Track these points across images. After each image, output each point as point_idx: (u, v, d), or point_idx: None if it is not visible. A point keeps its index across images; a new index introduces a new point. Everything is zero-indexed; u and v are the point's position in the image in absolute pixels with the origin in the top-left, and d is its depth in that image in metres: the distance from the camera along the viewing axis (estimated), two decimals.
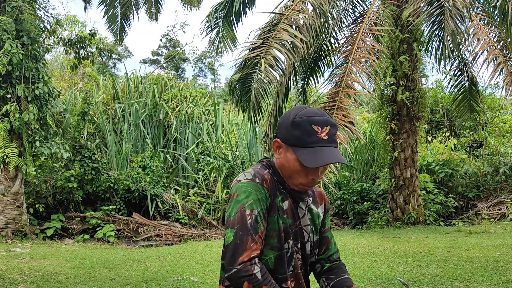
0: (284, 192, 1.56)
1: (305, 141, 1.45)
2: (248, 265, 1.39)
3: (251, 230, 1.42)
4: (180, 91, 16.82)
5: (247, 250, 1.40)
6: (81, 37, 9.97)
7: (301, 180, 1.51)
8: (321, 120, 1.47)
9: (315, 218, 1.64)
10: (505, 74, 8.54)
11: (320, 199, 1.72)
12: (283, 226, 1.51)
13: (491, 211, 10.14)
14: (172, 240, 9.77)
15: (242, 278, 1.39)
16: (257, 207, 1.45)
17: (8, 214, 8.60)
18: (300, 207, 1.60)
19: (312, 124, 1.46)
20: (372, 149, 13.42)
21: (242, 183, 1.49)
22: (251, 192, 1.46)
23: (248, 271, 1.39)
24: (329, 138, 1.47)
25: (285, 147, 1.51)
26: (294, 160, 1.48)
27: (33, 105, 8.39)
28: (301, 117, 1.47)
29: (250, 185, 1.47)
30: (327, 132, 1.46)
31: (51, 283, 5.44)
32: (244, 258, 1.39)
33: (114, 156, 12.88)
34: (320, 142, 1.45)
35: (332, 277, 1.68)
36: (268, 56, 7.33)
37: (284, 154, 1.51)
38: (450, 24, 6.97)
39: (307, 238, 1.60)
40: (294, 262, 1.55)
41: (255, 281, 1.39)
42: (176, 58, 35.56)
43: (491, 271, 5.29)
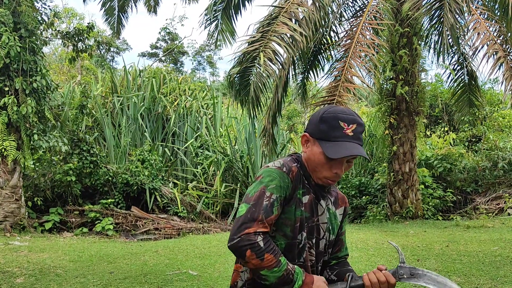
0: (307, 186, 1.61)
1: (331, 135, 1.52)
2: (252, 235, 1.43)
3: (264, 210, 1.47)
4: (179, 85, 16.77)
5: (254, 225, 1.45)
6: (79, 30, 9.90)
7: (325, 173, 1.57)
8: (349, 118, 1.53)
9: (332, 218, 1.69)
10: (505, 68, 8.52)
11: (342, 202, 1.77)
12: (300, 217, 1.56)
13: (489, 206, 10.16)
14: (171, 233, 9.78)
15: (244, 247, 1.43)
16: (277, 192, 1.50)
17: (6, 208, 8.59)
18: (320, 204, 1.65)
19: (339, 120, 1.52)
20: (371, 143, 13.42)
21: (270, 169, 1.56)
22: (276, 177, 1.53)
23: (251, 239, 1.43)
24: (355, 135, 1.53)
25: (312, 140, 1.58)
26: (319, 153, 1.54)
27: (31, 98, 8.35)
28: (330, 113, 1.55)
29: (277, 172, 1.54)
30: (353, 129, 1.52)
31: (49, 276, 5.44)
32: (250, 231, 1.44)
33: (112, 149, 12.86)
34: (345, 137, 1.52)
35: (336, 268, 1.74)
36: (267, 49, 7.29)
37: (311, 147, 1.58)
38: (450, 18, 6.94)
39: (322, 235, 1.65)
40: (305, 255, 1.60)
41: (258, 248, 1.43)
42: (174, 52, 35.43)
43: (489, 265, 5.31)
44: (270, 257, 1.44)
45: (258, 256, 1.43)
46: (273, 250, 1.46)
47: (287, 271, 1.45)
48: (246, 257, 1.43)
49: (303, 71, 10.40)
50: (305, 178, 1.62)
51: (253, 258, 1.43)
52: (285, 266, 1.45)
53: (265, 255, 1.43)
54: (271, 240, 1.48)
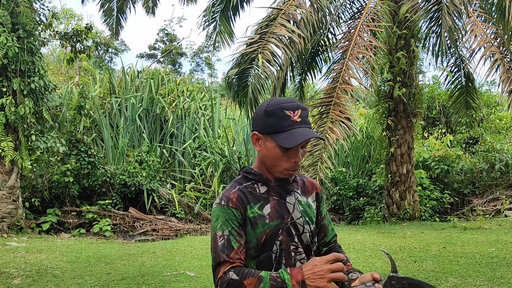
0: (265, 196, 1.59)
1: (281, 126, 1.51)
2: (223, 277, 1.45)
3: (223, 251, 1.49)
4: (177, 86, 16.78)
5: (221, 268, 1.47)
6: (78, 30, 9.90)
7: (285, 165, 1.56)
8: (292, 105, 1.53)
9: (306, 209, 1.66)
10: (502, 71, 8.55)
11: (311, 188, 1.74)
12: (265, 231, 1.55)
13: (486, 207, 10.19)
14: (169, 234, 9.78)
15: (227, 286, 1.44)
16: (227, 227, 1.51)
17: (3, 208, 8.57)
18: (288, 202, 1.62)
19: (284, 110, 1.52)
20: (368, 145, 13.45)
21: (213, 209, 1.58)
22: (219, 215, 1.54)
23: (225, 280, 1.44)
24: (302, 120, 1.53)
25: (263, 137, 1.56)
26: (274, 147, 1.53)
27: (29, 99, 8.34)
28: (273, 106, 1.54)
29: (217, 208, 1.55)
30: (299, 115, 1.53)
31: (47, 277, 5.44)
32: (220, 274, 1.46)
33: (110, 150, 12.85)
34: (295, 124, 1.51)
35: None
36: (266, 51, 7.31)
37: (264, 144, 1.56)
38: (448, 20, 6.97)
39: (302, 229, 1.62)
40: (285, 261, 1.57)
41: (234, 283, 1.43)
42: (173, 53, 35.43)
43: (485, 266, 5.32)
44: (250, 280, 1.42)
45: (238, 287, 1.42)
46: (248, 273, 1.44)
47: (272, 279, 1.41)
48: None
49: (301, 73, 10.42)
50: (262, 184, 1.61)
51: None
52: (268, 277, 1.42)
53: (244, 283, 1.42)
54: (243, 267, 1.48)
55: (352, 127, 7.48)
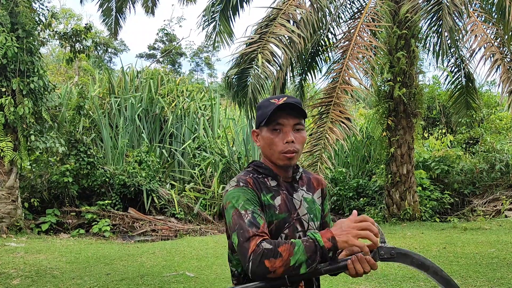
0: (275, 188, 1.61)
1: (266, 112, 1.56)
2: (256, 250, 1.40)
3: (251, 226, 1.45)
4: (177, 86, 16.76)
5: (252, 242, 1.42)
6: (77, 30, 9.88)
7: (279, 148, 1.57)
8: (280, 95, 1.60)
9: (311, 206, 1.67)
10: (502, 71, 8.54)
11: (317, 184, 1.75)
12: (275, 221, 1.56)
13: (486, 208, 10.18)
14: (168, 235, 9.76)
15: (259, 261, 1.38)
16: (249, 206, 1.50)
17: (2, 209, 8.55)
18: (295, 198, 1.64)
19: (270, 100, 1.59)
20: (368, 145, 13.43)
21: (229, 192, 1.55)
22: (239, 195, 1.52)
23: (258, 251, 1.39)
24: (287, 102, 1.56)
25: (259, 131, 1.63)
26: (265, 133, 1.59)
27: (28, 99, 8.32)
28: (262, 101, 1.63)
29: (236, 190, 1.54)
30: (284, 101, 1.56)
31: (46, 278, 5.42)
32: (252, 248, 1.41)
33: (109, 150, 12.83)
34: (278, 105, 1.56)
35: None
36: (265, 51, 7.29)
37: (261, 137, 1.62)
38: (448, 20, 6.95)
39: (307, 226, 1.63)
40: None
41: (268, 251, 1.38)
42: (172, 53, 35.43)
43: (486, 267, 5.31)
44: (284, 247, 1.39)
45: (275, 256, 1.38)
46: (281, 241, 1.42)
47: (305, 241, 1.41)
48: (269, 268, 1.37)
49: (301, 73, 10.40)
50: (271, 178, 1.62)
51: (274, 263, 1.37)
52: (300, 240, 1.41)
53: (279, 250, 1.39)
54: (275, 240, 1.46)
55: (352, 127, 7.46)
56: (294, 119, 1.58)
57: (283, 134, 1.57)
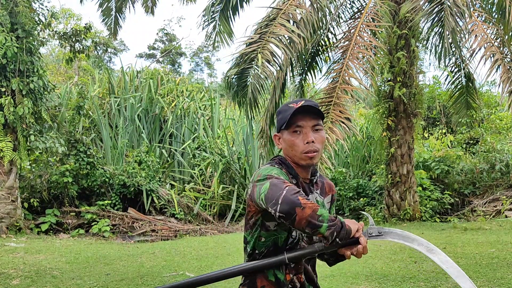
0: (294, 185, 1.64)
1: (286, 116, 1.65)
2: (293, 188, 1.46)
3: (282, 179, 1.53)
4: (177, 86, 16.76)
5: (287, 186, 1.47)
6: (77, 30, 9.88)
7: (300, 148, 1.64)
8: (297, 100, 1.69)
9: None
10: (502, 71, 8.53)
11: (329, 190, 1.84)
12: None
13: (486, 208, 10.17)
14: (168, 235, 9.75)
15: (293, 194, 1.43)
16: (282, 176, 1.58)
17: (2, 209, 8.55)
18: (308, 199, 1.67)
19: (288, 105, 1.68)
20: (368, 145, 13.42)
21: (263, 168, 1.64)
22: (272, 169, 1.60)
23: (295, 190, 1.45)
24: (305, 104, 1.65)
25: (280, 134, 1.71)
26: (286, 136, 1.67)
27: (27, 99, 8.32)
28: (282, 106, 1.73)
29: (270, 167, 1.63)
30: (302, 104, 1.64)
31: (45, 278, 5.41)
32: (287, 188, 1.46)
33: (109, 150, 12.82)
34: (296, 110, 1.64)
35: None
36: (265, 51, 7.28)
37: (283, 140, 1.70)
38: (451, 21, 6.93)
39: None
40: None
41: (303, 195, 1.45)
42: (172, 53, 35.43)
43: (486, 267, 5.30)
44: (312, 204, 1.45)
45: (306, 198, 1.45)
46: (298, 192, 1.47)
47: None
48: (301, 202, 1.42)
49: (301, 73, 10.39)
50: (292, 176, 1.68)
51: (306, 202, 1.42)
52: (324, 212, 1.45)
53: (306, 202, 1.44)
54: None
55: (352, 127, 7.45)
56: (313, 120, 1.65)
57: (303, 135, 1.65)
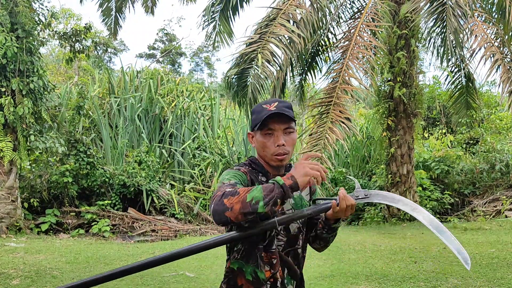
0: (264, 182, 1.73)
1: (259, 117, 1.70)
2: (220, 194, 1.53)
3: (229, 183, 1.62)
4: (177, 86, 16.75)
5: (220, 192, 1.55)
6: (77, 30, 9.87)
7: (271, 150, 1.71)
8: (270, 100, 1.75)
9: (297, 202, 1.79)
10: (502, 71, 8.53)
11: None
12: None
13: (486, 208, 10.17)
14: (168, 235, 9.74)
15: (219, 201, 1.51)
16: (234, 179, 1.66)
17: (2, 209, 8.54)
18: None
19: (262, 105, 1.73)
20: (368, 145, 13.42)
21: (225, 172, 1.75)
22: (229, 173, 1.71)
23: (221, 195, 1.52)
24: (278, 109, 1.68)
25: (254, 133, 1.76)
26: (259, 137, 1.73)
27: (27, 99, 8.31)
28: (256, 105, 1.77)
29: (229, 171, 1.74)
30: (275, 106, 1.70)
31: (46, 278, 5.41)
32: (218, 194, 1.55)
33: (109, 150, 12.82)
34: (268, 112, 1.68)
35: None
36: (265, 51, 7.28)
37: (255, 140, 1.76)
38: (453, 21, 6.91)
39: None
40: (274, 247, 1.70)
41: (228, 192, 1.52)
42: (172, 53, 35.43)
43: (486, 267, 5.31)
44: (243, 188, 1.52)
45: (233, 195, 1.50)
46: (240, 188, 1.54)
47: (264, 185, 1.53)
48: (227, 205, 1.48)
49: (301, 73, 10.39)
50: (262, 174, 1.76)
51: (232, 200, 1.49)
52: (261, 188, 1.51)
53: (238, 190, 1.51)
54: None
55: (352, 127, 7.45)
56: (284, 124, 1.70)
57: (275, 138, 1.70)
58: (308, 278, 5.28)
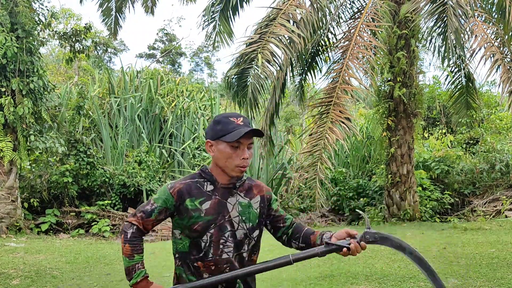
0: (209, 193, 1.87)
1: (227, 129, 1.82)
2: (128, 224, 1.88)
3: (145, 212, 1.88)
4: (177, 86, 16.75)
5: (134, 219, 1.88)
6: (77, 30, 9.88)
7: (235, 162, 1.84)
8: (234, 114, 1.88)
9: (245, 210, 1.90)
10: (502, 71, 8.52)
11: (257, 191, 1.99)
12: (199, 222, 1.84)
13: (486, 208, 10.17)
14: (168, 235, 9.74)
15: (122, 230, 1.89)
16: (157, 203, 1.88)
17: (2, 209, 8.54)
18: (229, 202, 1.89)
19: (229, 117, 1.86)
20: (368, 145, 13.42)
21: (164, 185, 1.95)
22: (160, 192, 1.91)
23: (126, 228, 1.88)
24: (244, 123, 1.85)
25: (215, 143, 1.86)
26: (224, 147, 1.83)
27: (27, 99, 8.31)
28: (219, 116, 1.89)
29: (163, 189, 1.90)
30: (242, 120, 1.85)
31: (45, 278, 5.41)
32: (130, 220, 1.88)
33: (109, 150, 12.82)
34: (238, 126, 1.83)
35: (297, 236, 2.00)
36: (265, 51, 7.28)
37: (216, 148, 1.86)
38: (454, 21, 6.90)
39: (237, 227, 1.88)
40: (213, 250, 1.85)
41: (125, 236, 1.86)
42: (172, 53, 35.44)
43: (486, 267, 5.30)
44: (128, 248, 1.84)
45: (123, 242, 1.85)
46: (134, 244, 1.85)
47: (133, 267, 1.84)
48: (122, 240, 1.87)
49: (301, 73, 10.40)
50: (210, 183, 1.89)
51: (122, 241, 1.87)
52: (134, 263, 1.84)
53: (126, 245, 1.84)
54: (139, 237, 1.87)
55: (352, 127, 7.45)
56: (249, 139, 1.86)
57: (241, 151, 1.84)
58: (308, 278, 5.28)
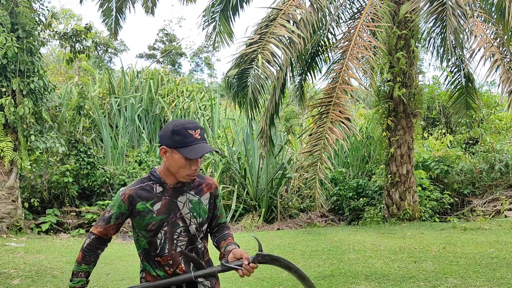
0: (159, 194, 2.06)
1: (185, 142, 1.96)
2: (89, 235, 2.10)
3: (103, 220, 2.09)
4: (177, 86, 16.77)
5: (94, 228, 2.11)
6: (77, 30, 9.89)
7: (187, 172, 2.01)
8: (193, 126, 1.99)
9: (195, 207, 2.10)
10: (502, 71, 8.54)
11: (207, 189, 2.18)
12: (152, 222, 2.03)
13: (486, 208, 10.18)
14: None
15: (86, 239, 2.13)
16: (112, 209, 2.08)
17: (3, 209, 8.56)
18: (179, 201, 2.08)
19: (188, 130, 1.97)
20: (368, 145, 13.43)
21: (114, 198, 2.11)
22: (114, 200, 2.10)
23: (87, 238, 2.11)
24: (201, 137, 1.99)
25: (170, 150, 1.99)
26: (179, 158, 1.97)
27: (28, 99, 8.33)
28: (178, 126, 1.98)
29: (117, 195, 2.08)
30: (199, 133, 1.99)
31: (46, 277, 5.43)
32: (93, 229, 2.11)
33: (110, 150, 12.83)
34: (196, 141, 1.97)
35: (217, 235, 2.23)
36: (265, 51, 7.30)
37: (171, 156, 2.00)
38: (453, 21, 6.91)
39: (189, 223, 2.08)
40: (169, 246, 2.05)
41: (82, 245, 2.09)
42: (172, 53, 35.44)
43: (485, 267, 5.31)
44: (80, 256, 2.08)
45: (80, 249, 2.09)
46: (85, 255, 2.08)
47: (77, 274, 2.06)
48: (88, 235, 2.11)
49: (300, 73, 10.41)
50: (159, 185, 2.07)
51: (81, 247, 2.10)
52: (79, 271, 2.06)
53: (80, 252, 2.09)
54: (95, 250, 2.09)
55: (352, 127, 7.47)
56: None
57: (194, 162, 1.99)
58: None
